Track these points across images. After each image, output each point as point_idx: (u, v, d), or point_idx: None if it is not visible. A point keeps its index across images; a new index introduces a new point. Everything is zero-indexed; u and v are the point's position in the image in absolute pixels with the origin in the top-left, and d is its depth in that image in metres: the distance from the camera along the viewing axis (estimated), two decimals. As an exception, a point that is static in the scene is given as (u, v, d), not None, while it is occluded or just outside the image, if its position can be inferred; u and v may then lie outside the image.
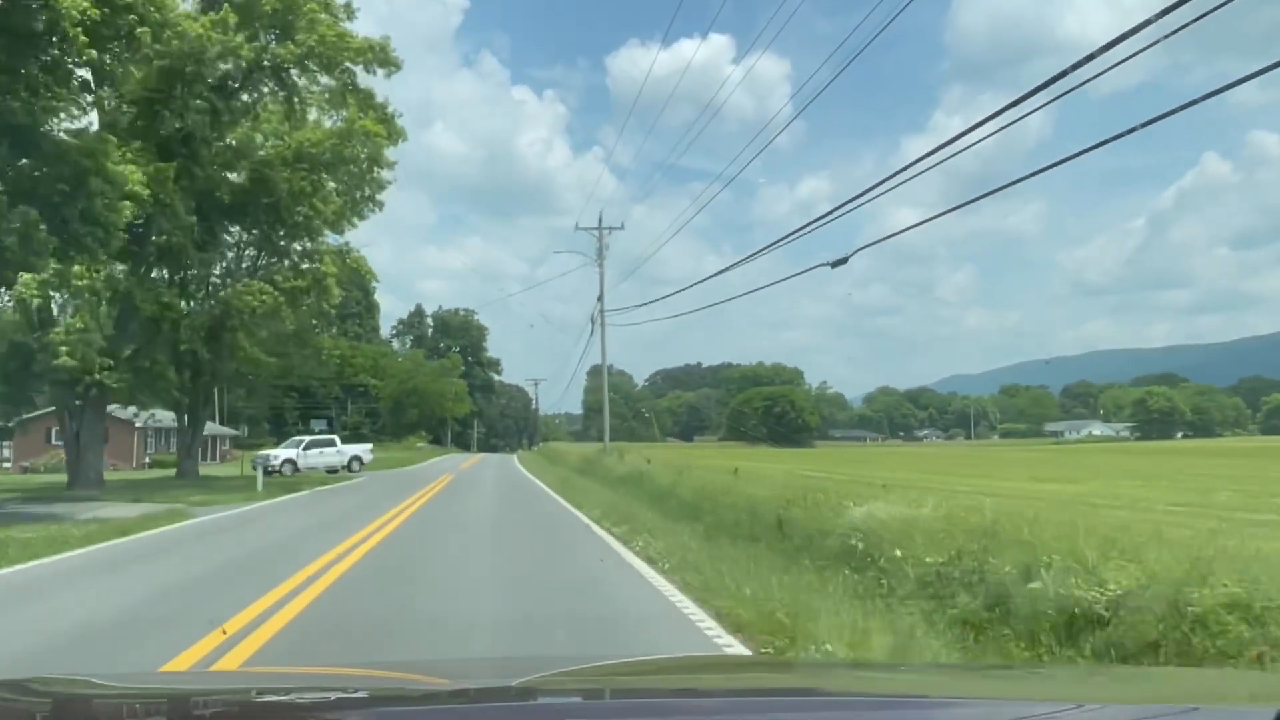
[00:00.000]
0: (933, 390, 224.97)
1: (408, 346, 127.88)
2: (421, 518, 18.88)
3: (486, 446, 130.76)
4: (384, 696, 2.23)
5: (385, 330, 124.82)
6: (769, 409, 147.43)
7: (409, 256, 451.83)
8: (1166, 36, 6.45)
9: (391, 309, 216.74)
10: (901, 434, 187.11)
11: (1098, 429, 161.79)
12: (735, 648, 6.81)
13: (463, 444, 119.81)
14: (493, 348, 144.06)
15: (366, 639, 7.32)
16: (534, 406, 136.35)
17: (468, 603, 9.06)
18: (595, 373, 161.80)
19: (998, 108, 8.71)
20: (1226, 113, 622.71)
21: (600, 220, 44.63)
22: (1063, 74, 7.57)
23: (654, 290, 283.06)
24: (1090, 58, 7.29)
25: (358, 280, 47.98)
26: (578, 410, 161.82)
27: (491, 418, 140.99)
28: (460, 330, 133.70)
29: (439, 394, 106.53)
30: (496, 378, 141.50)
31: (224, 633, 7.11)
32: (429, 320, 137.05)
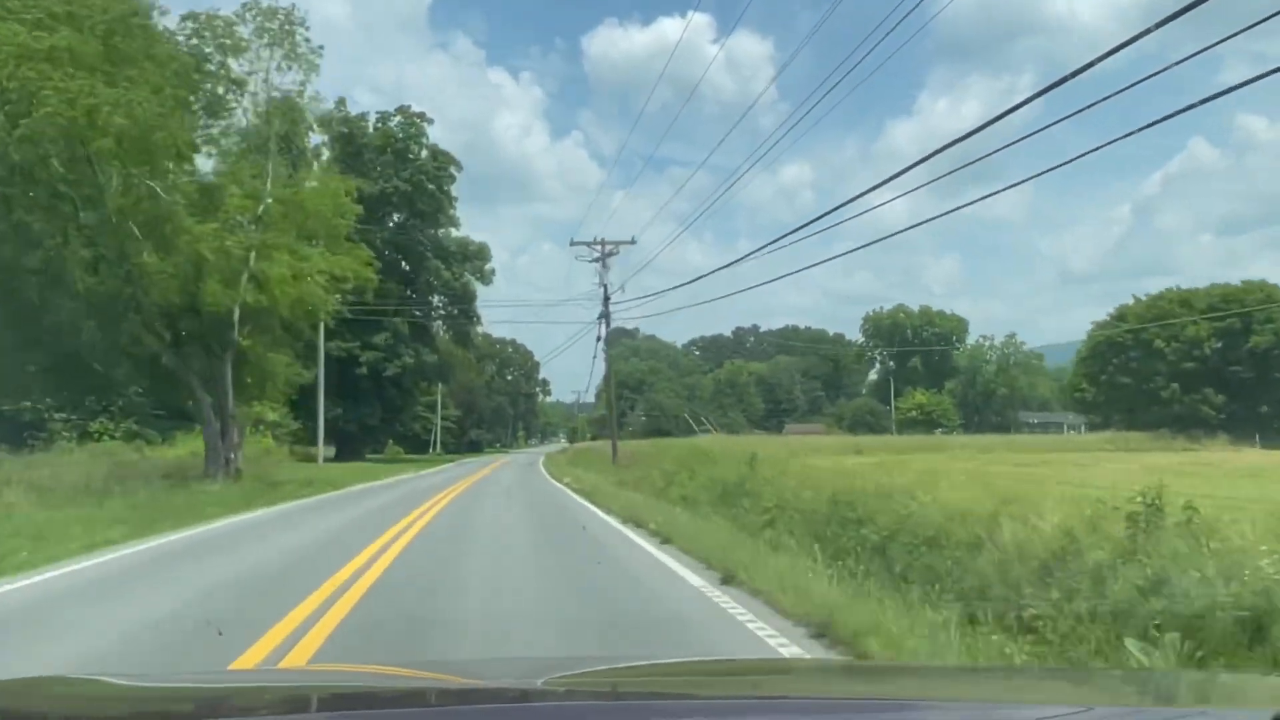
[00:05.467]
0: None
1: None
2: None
3: (463, 444, 74.25)
4: (396, 695, 2.14)
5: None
6: (1223, 352, 61.23)
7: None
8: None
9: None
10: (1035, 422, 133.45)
11: None
12: None
13: (413, 442, 61.76)
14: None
15: None
16: (597, 347, 42.69)
17: None
18: (617, 340, 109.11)
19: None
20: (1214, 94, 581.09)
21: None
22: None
23: (640, 276, 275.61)
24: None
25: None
26: (581, 394, 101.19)
27: (471, 389, 73.36)
28: (409, 156, 53.55)
29: (163, 141, 19.83)
30: (480, 291, 59.61)
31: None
32: (368, 127, 53.77)
